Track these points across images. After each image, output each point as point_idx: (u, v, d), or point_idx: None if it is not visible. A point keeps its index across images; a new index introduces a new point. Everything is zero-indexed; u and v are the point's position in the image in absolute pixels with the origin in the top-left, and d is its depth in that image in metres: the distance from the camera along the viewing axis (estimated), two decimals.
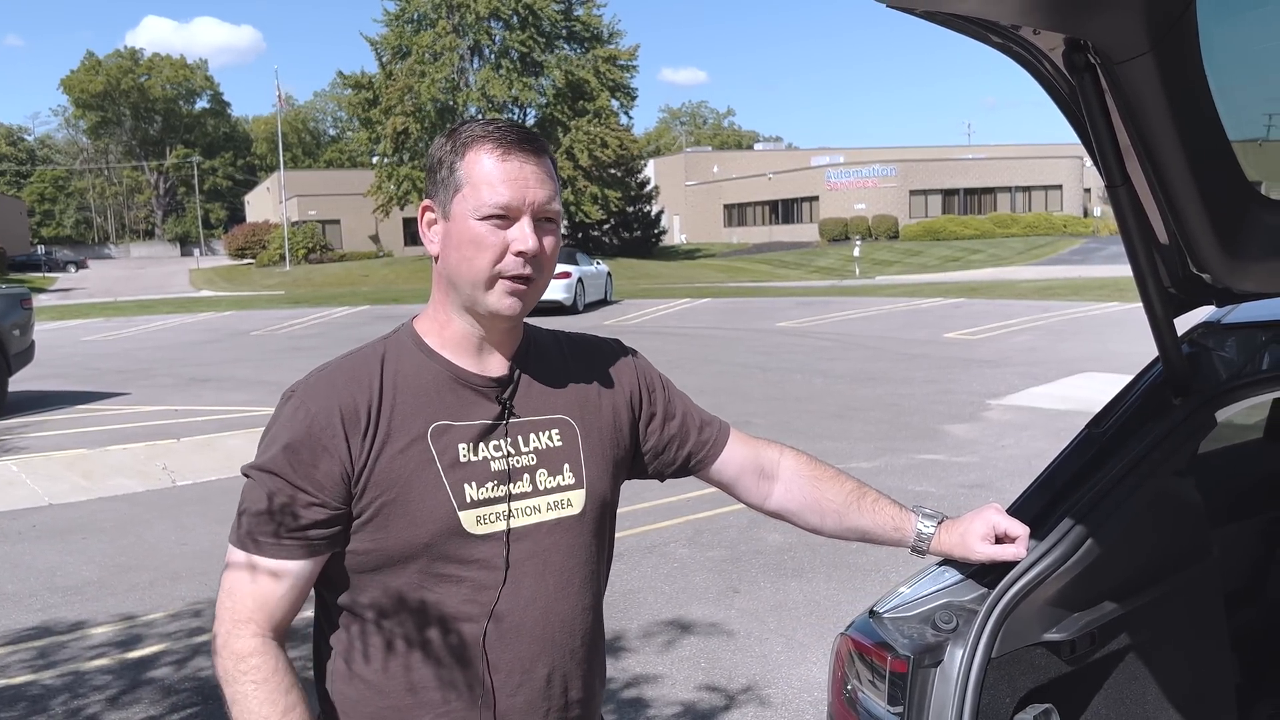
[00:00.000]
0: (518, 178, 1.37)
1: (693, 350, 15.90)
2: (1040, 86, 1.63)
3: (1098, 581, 1.64)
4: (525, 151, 1.39)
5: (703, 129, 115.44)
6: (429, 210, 1.44)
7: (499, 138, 1.39)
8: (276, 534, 1.36)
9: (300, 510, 1.35)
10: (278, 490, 1.35)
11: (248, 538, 1.37)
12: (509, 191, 1.37)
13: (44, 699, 4.10)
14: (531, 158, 1.39)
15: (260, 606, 1.36)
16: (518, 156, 1.38)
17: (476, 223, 1.37)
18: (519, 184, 1.37)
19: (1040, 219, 49.76)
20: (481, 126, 1.41)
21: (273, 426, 1.40)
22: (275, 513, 1.35)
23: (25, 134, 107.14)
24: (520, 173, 1.37)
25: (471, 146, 1.39)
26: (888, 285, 31.13)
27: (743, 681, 4.12)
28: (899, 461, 7.84)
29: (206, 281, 46.81)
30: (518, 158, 1.38)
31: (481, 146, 1.38)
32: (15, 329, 11.45)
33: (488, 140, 1.39)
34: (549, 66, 46.50)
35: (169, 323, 25.17)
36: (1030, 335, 16.17)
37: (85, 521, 6.86)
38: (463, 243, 1.39)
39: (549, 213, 1.40)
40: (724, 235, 60.53)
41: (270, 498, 1.35)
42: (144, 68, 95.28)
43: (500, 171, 1.37)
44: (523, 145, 1.39)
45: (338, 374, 1.41)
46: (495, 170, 1.37)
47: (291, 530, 1.35)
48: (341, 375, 1.41)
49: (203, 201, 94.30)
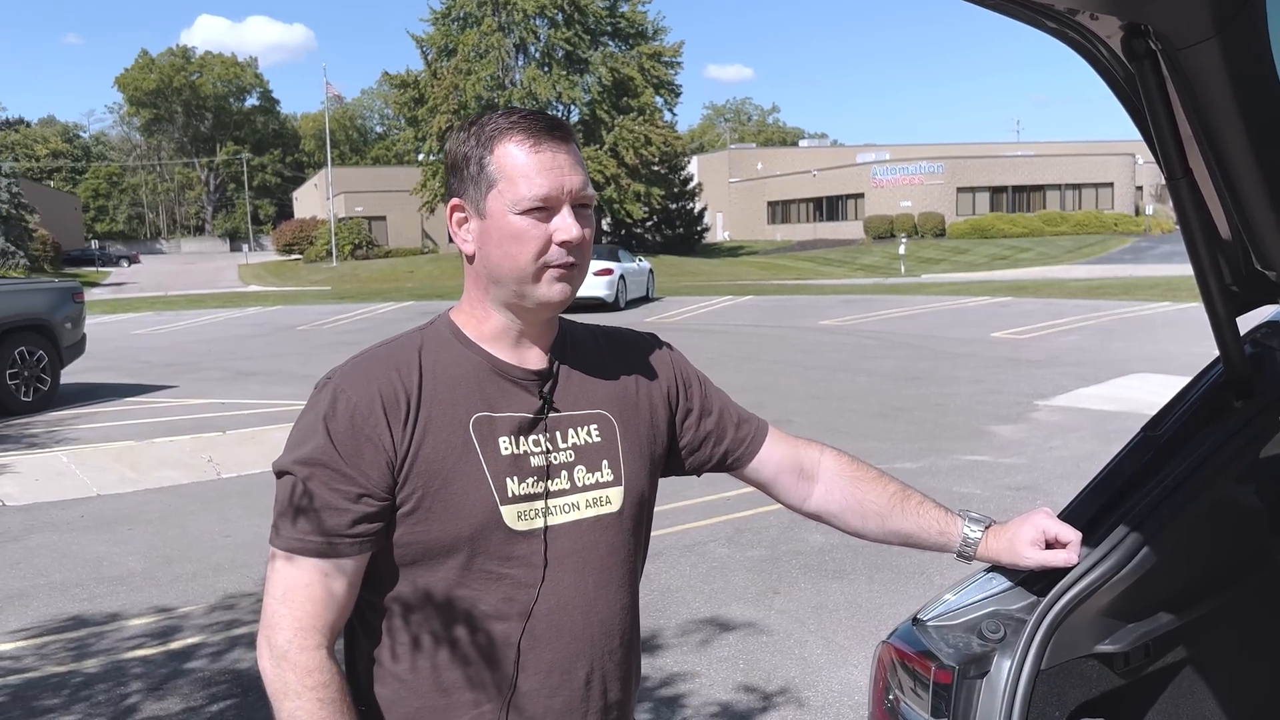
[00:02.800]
0: (553, 167, 1.33)
1: (733, 348, 15.82)
2: (1097, 75, 1.57)
3: (1153, 591, 1.57)
4: (555, 139, 1.35)
5: (747, 126, 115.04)
6: (458, 209, 1.41)
7: (527, 128, 1.34)
8: (329, 531, 1.30)
9: (350, 504, 1.30)
10: (324, 484, 1.30)
11: (298, 538, 1.30)
12: (547, 182, 1.33)
13: (86, 687, 4.14)
14: (562, 145, 1.35)
15: (322, 613, 1.31)
16: (549, 145, 1.34)
17: (517, 217, 1.33)
18: (555, 173, 1.33)
19: (1091, 217, 48.97)
20: (505, 118, 1.36)
21: (308, 416, 1.34)
22: (324, 509, 1.30)
23: (81, 131, 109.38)
24: (555, 162, 1.34)
25: (499, 140, 1.35)
26: (933, 283, 30.80)
27: (780, 683, 4.06)
28: (944, 462, 7.72)
29: (255, 277, 47.44)
30: (549, 147, 1.34)
31: (510, 139, 1.34)
32: (67, 322, 11.64)
33: (516, 131, 1.34)
34: (594, 64, 46.55)
35: (217, 317, 25.53)
36: (1080, 335, 15.91)
37: (132, 512, 6.95)
38: (504, 239, 1.35)
39: (585, 199, 1.37)
40: (767, 232, 60.25)
41: (316, 494, 1.30)
42: (195, 65, 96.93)
43: (535, 163, 1.33)
44: (552, 133, 1.35)
45: (375, 362, 1.37)
46: (529, 162, 1.33)
47: (343, 526, 1.30)
48: (379, 363, 1.37)
49: (252, 198, 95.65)
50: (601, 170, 44.62)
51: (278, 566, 1.33)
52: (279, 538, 1.33)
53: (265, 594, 1.34)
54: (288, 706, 1.29)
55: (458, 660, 1.36)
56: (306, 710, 1.28)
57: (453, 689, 1.36)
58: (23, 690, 4.12)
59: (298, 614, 1.30)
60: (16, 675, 4.28)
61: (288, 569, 1.32)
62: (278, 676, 1.30)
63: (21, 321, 11.04)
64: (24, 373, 11.00)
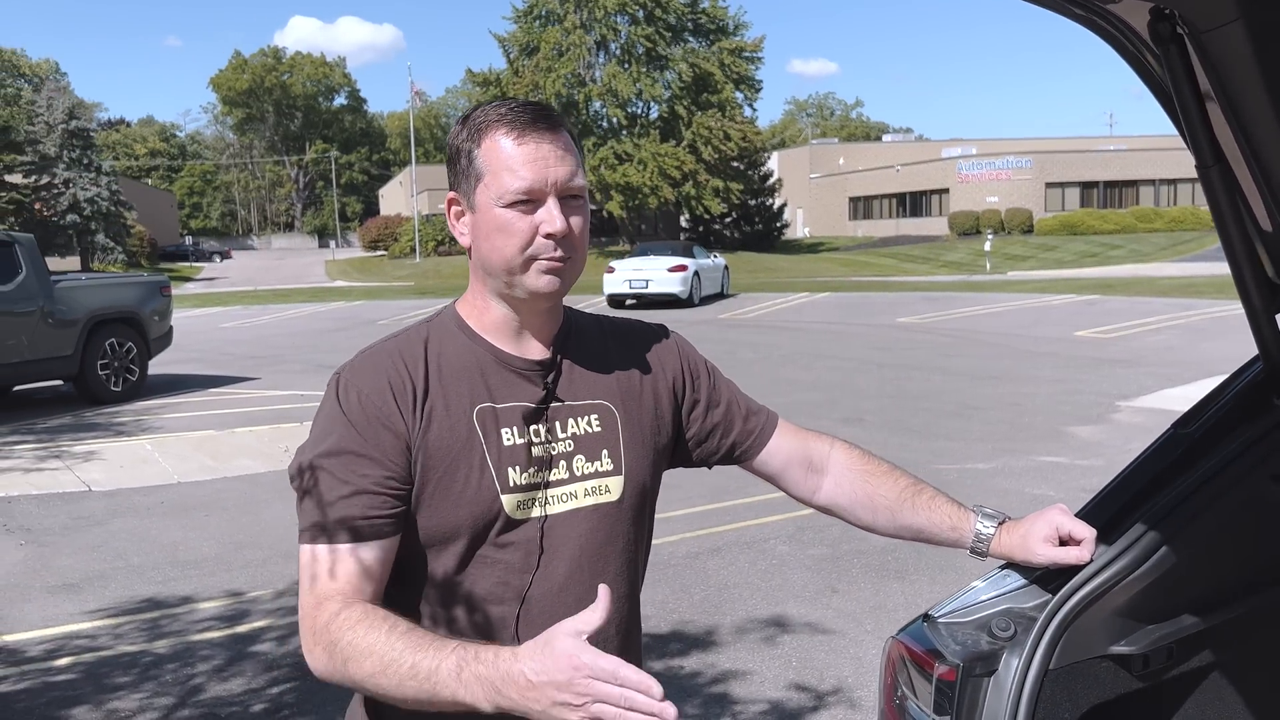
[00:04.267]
0: (536, 159, 1.33)
1: (806, 345, 15.69)
2: (1126, 64, 1.53)
3: (1177, 592, 1.51)
4: (540, 130, 1.34)
5: (829, 121, 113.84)
6: (455, 203, 1.42)
7: (511, 119, 1.34)
8: (358, 517, 1.30)
9: (378, 488, 1.31)
10: (352, 471, 1.30)
11: (329, 529, 1.29)
12: (530, 174, 1.32)
13: (155, 666, 4.28)
14: (547, 135, 1.34)
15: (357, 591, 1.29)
16: (533, 136, 1.34)
17: (502, 210, 1.34)
18: (539, 165, 1.33)
19: (1186, 213, 47.31)
20: (494, 109, 1.37)
21: (325, 411, 1.37)
22: (353, 496, 1.30)
23: (177, 130, 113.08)
24: (538, 153, 1.33)
25: (486, 132, 1.35)
26: (1019, 281, 30.11)
27: (833, 682, 4.02)
28: (1018, 463, 7.55)
29: (341, 272, 48.49)
30: (533, 138, 1.34)
31: (496, 131, 1.35)
32: (155, 315, 12.04)
33: (501, 124, 1.35)
34: (674, 60, 46.51)
35: (302, 311, 26.16)
36: (1168, 334, 15.42)
37: (209, 499, 7.16)
38: (491, 232, 1.36)
39: (573, 190, 1.36)
40: (849, 229, 59.54)
41: (346, 482, 1.30)
42: (286, 66, 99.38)
43: (519, 155, 1.33)
44: (537, 124, 1.34)
45: (381, 355, 1.40)
46: (514, 154, 1.33)
47: (373, 510, 1.30)
48: (385, 356, 1.40)
49: (339, 195, 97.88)
50: (680, 166, 44.57)
51: (308, 561, 1.31)
52: (308, 532, 1.32)
53: (300, 590, 1.32)
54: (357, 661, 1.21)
55: None
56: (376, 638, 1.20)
57: None
58: (96, 668, 4.28)
59: (334, 597, 1.28)
60: (91, 654, 4.45)
61: (319, 562, 1.31)
62: (328, 652, 1.24)
63: (112, 314, 11.45)
64: (114, 363, 11.42)
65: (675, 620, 4.69)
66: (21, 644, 4.58)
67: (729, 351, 14.44)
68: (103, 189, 48.44)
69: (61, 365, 10.94)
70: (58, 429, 9.87)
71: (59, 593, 5.26)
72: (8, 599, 5.18)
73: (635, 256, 24.77)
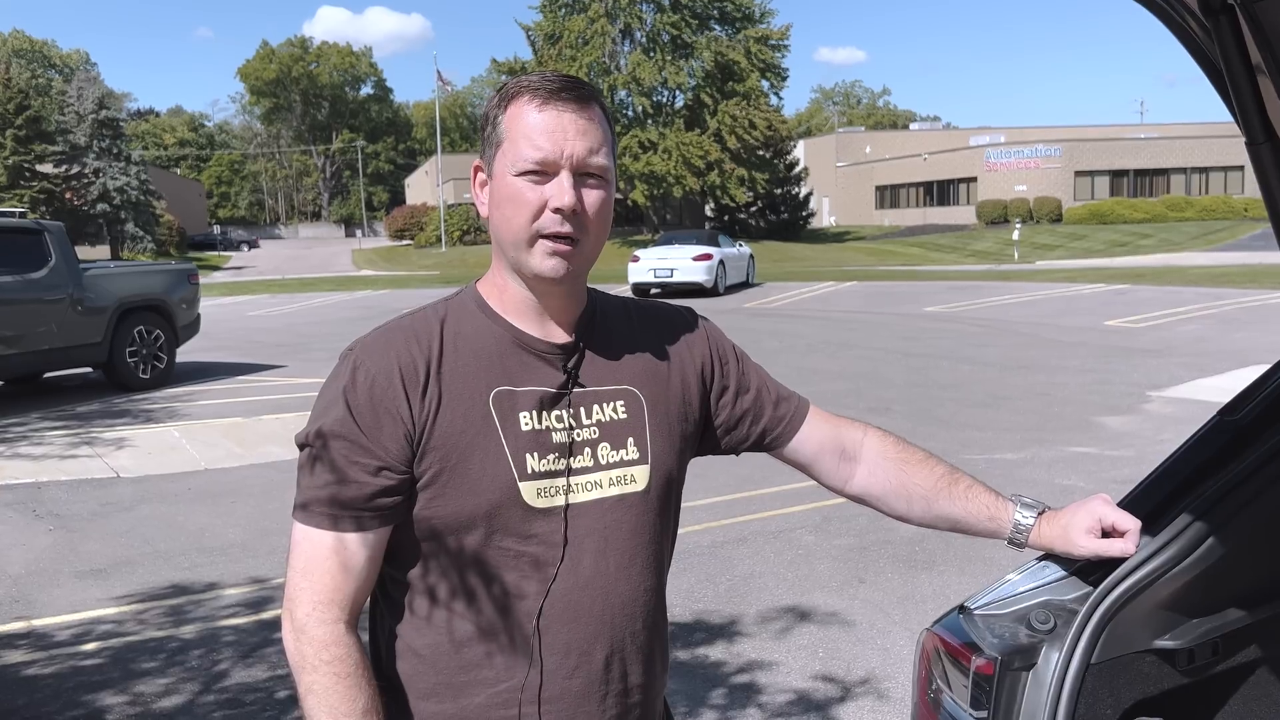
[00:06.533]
0: (555, 129, 1.28)
1: (832, 334, 15.59)
2: (1174, 37, 1.47)
3: (1223, 585, 1.46)
4: (565, 100, 1.29)
5: (856, 109, 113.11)
6: (479, 170, 1.38)
7: (538, 87, 1.30)
8: (349, 504, 1.29)
9: (369, 477, 1.28)
10: (343, 457, 1.29)
11: (318, 511, 1.29)
12: (547, 144, 1.28)
13: (181, 652, 4.30)
14: (572, 105, 1.29)
15: (341, 586, 1.30)
16: (556, 106, 1.29)
17: (514, 179, 1.30)
18: (556, 136, 1.28)
19: (1218, 202, 46.67)
20: (528, 77, 1.33)
21: (330, 386, 1.34)
22: (343, 482, 1.29)
23: (206, 120, 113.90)
24: (558, 123, 1.29)
25: (513, 99, 1.31)
26: (1048, 270, 29.83)
27: (860, 674, 3.97)
28: (1047, 454, 7.46)
29: (367, 261, 48.72)
30: (556, 107, 1.29)
31: (521, 97, 1.30)
32: (183, 303, 12.12)
33: (527, 91, 1.30)
34: (699, 48, 46.28)
35: (329, 300, 26.29)
36: (1200, 324, 15.21)
37: (236, 486, 7.19)
38: (502, 200, 1.32)
39: (590, 167, 1.31)
40: (875, 218, 59.15)
41: (336, 465, 1.29)
42: (313, 55, 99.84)
43: (539, 123, 1.29)
44: (563, 94, 1.29)
45: (396, 333, 1.36)
46: (533, 122, 1.29)
47: (363, 499, 1.29)
48: (400, 334, 1.35)
49: (366, 184, 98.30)
50: (704, 155, 44.38)
51: (298, 539, 1.32)
52: (299, 510, 1.32)
53: (288, 567, 1.33)
54: (305, 680, 1.29)
55: (477, 638, 1.33)
56: (322, 684, 1.27)
57: (471, 666, 1.34)
58: (122, 653, 4.30)
59: (317, 587, 1.30)
60: (118, 639, 4.47)
61: (308, 542, 1.31)
62: (297, 650, 1.29)
63: (140, 302, 11.53)
64: (142, 351, 11.50)
65: (699, 610, 4.66)
66: (49, 628, 4.61)
67: (754, 341, 14.36)
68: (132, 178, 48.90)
69: (91, 352, 11.03)
70: (87, 415, 9.94)
71: (86, 578, 5.29)
72: (36, 584, 5.21)
73: (660, 245, 24.70)
